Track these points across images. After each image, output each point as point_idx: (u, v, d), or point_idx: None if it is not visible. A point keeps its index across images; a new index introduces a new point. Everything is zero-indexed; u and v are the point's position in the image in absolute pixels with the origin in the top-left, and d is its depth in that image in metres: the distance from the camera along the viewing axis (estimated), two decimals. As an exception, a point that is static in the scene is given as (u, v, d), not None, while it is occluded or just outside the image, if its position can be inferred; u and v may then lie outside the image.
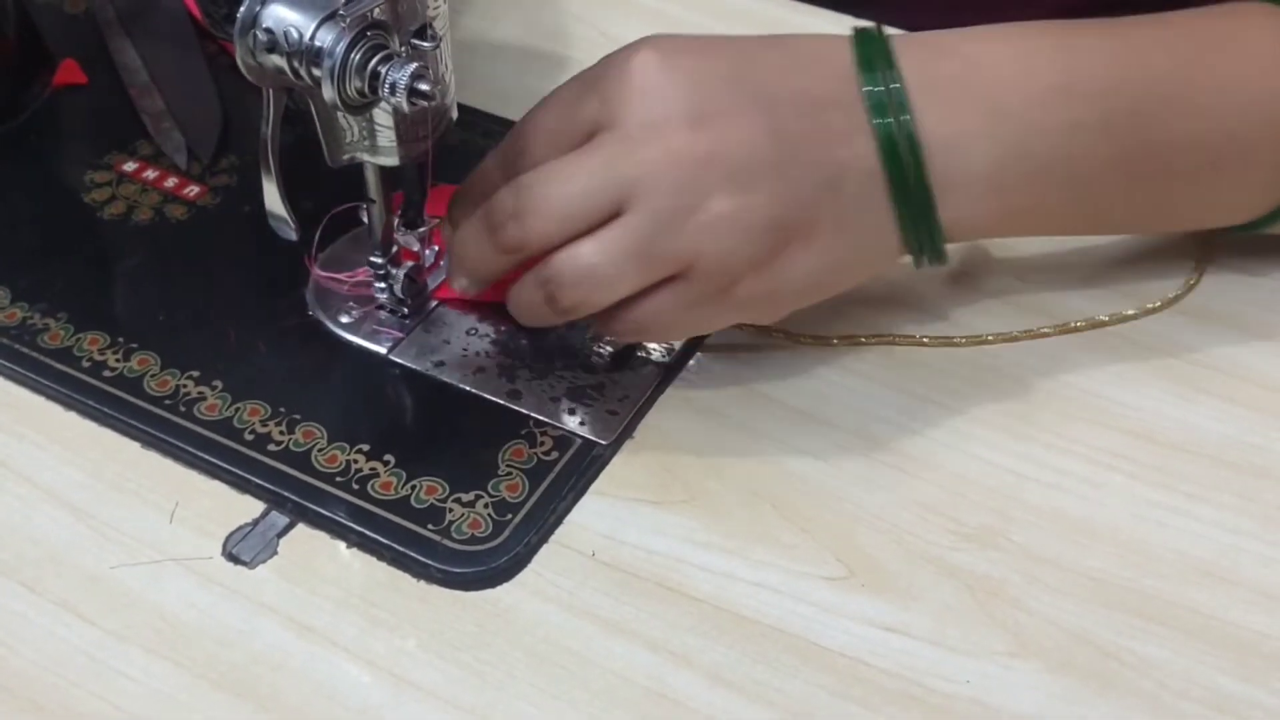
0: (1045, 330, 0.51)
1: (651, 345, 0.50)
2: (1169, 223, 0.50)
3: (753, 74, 0.44)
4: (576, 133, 0.45)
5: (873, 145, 0.44)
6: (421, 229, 0.50)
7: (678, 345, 0.50)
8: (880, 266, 0.47)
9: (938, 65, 0.45)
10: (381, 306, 0.51)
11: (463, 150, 0.57)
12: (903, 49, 0.45)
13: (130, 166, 0.58)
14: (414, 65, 0.41)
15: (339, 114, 0.44)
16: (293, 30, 0.40)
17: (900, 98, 0.44)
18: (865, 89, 0.44)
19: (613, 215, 0.43)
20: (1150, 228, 0.50)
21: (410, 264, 0.50)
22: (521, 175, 0.44)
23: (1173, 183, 0.47)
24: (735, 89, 0.44)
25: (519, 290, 0.45)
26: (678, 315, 0.44)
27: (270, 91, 0.43)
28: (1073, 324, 0.51)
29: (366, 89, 0.41)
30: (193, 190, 0.57)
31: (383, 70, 0.41)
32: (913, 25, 0.64)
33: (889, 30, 0.46)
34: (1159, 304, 0.52)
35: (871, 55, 0.45)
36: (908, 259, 0.47)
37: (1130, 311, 0.51)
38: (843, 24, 0.47)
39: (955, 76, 0.45)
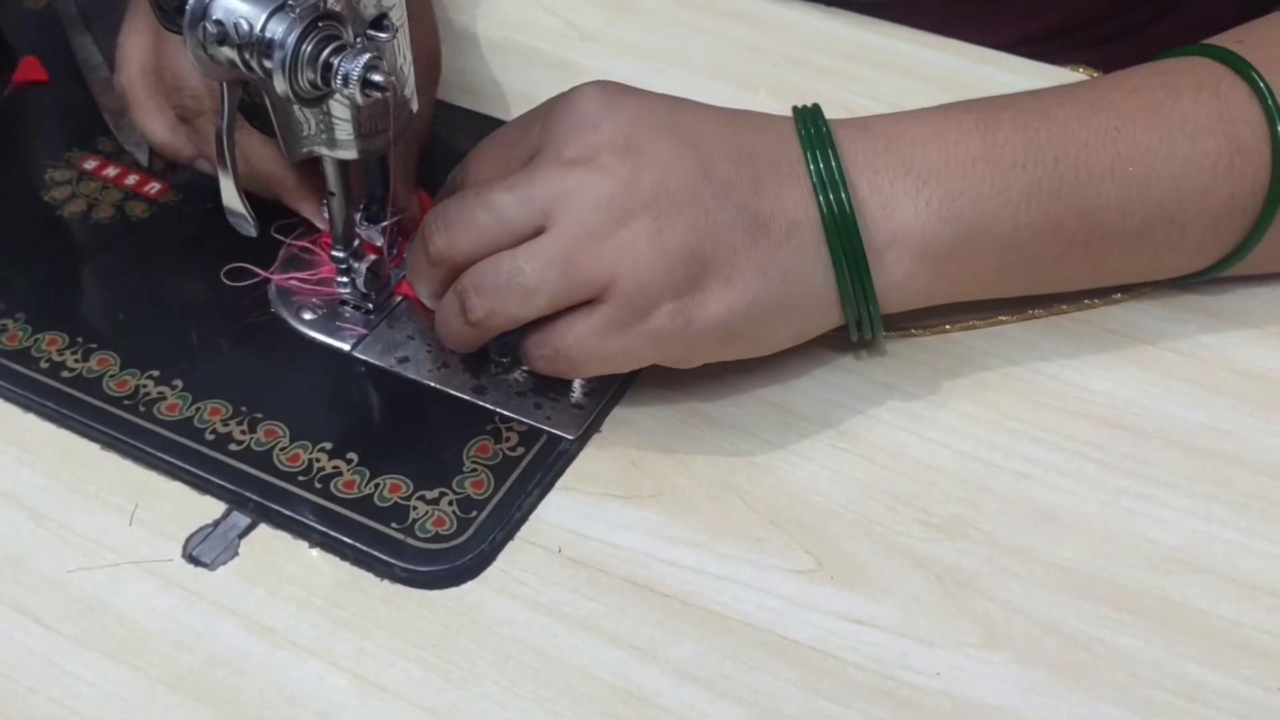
0: (1004, 318, 0.50)
1: (573, 385, 0.48)
2: (1106, 281, 0.50)
3: (692, 121, 0.46)
4: (519, 157, 0.46)
5: (805, 196, 0.45)
6: (384, 223, 0.50)
7: (584, 396, 0.48)
8: (809, 326, 0.47)
9: (869, 140, 0.46)
10: (345, 302, 0.51)
11: (427, 144, 0.56)
12: (836, 126, 0.46)
13: (91, 164, 0.57)
14: (367, 56, 0.40)
15: (294, 107, 0.43)
16: (243, 22, 0.40)
17: (836, 172, 0.45)
18: (808, 162, 0.45)
19: (537, 233, 0.44)
20: (1089, 286, 0.50)
21: (372, 258, 0.50)
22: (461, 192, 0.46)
23: (1107, 246, 0.47)
24: (671, 128, 0.45)
25: (440, 306, 0.46)
26: (594, 342, 0.44)
27: (224, 85, 0.42)
28: (1031, 312, 0.51)
29: (319, 81, 0.41)
30: (154, 188, 0.56)
31: (335, 61, 0.40)
32: (912, 25, 0.64)
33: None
34: (1120, 296, 0.51)
35: (812, 132, 0.46)
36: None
37: (1093, 301, 0.51)
38: (841, 18, 0.47)
39: (884, 149, 0.46)
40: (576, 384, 0.48)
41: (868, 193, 0.45)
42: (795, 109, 0.47)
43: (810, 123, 0.46)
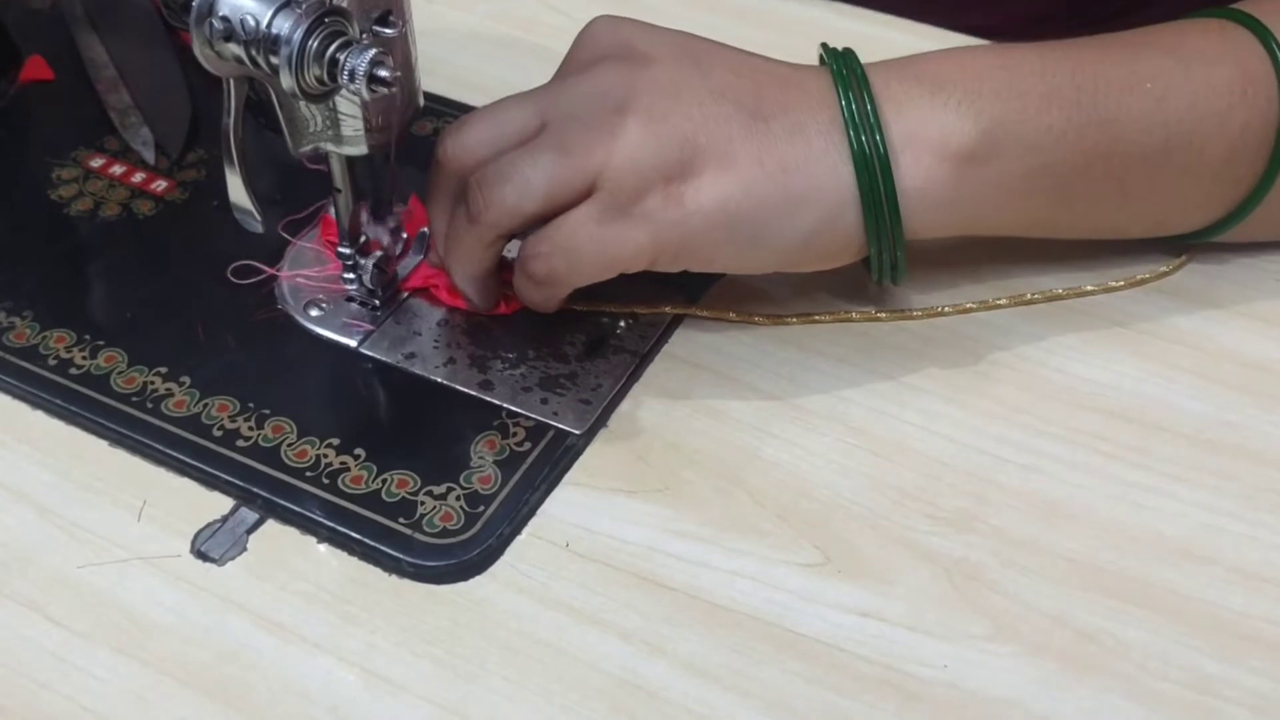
0: (1000, 302, 0.50)
1: (619, 324, 0.49)
2: (1131, 216, 0.50)
3: (697, 41, 0.47)
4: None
5: (813, 101, 0.45)
6: (390, 218, 0.50)
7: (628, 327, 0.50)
8: (820, 228, 0.45)
9: (885, 62, 0.47)
10: (351, 299, 0.51)
11: (431, 139, 0.56)
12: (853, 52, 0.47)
13: (97, 162, 0.58)
14: (373, 51, 0.40)
15: (300, 103, 0.43)
16: (249, 18, 0.40)
17: (858, 72, 0.46)
18: (827, 61, 0.47)
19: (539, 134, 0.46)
20: (1113, 224, 0.50)
21: (378, 254, 0.50)
22: None
23: (1129, 164, 0.47)
24: (673, 43, 0.47)
25: (451, 226, 0.48)
26: (589, 230, 0.44)
27: (231, 81, 0.42)
28: (1029, 296, 0.51)
29: (325, 76, 0.41)
30: (160, 185, 0.57)
31: (341, 57, 0.40)
32: (920, 17, 0.64)
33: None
34: (1121, 283, 0.51)
35: (832, 50, 0.47)
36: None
37: (1089, 287, 0.51)
38: (842, 11, 0.47)
39: (899, 65, 0.47)
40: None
41: (883, 98, 0.45)
42: (821, 46, 0.48)
43: (831, 51, 0.47)
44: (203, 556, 0.44)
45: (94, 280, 0.53)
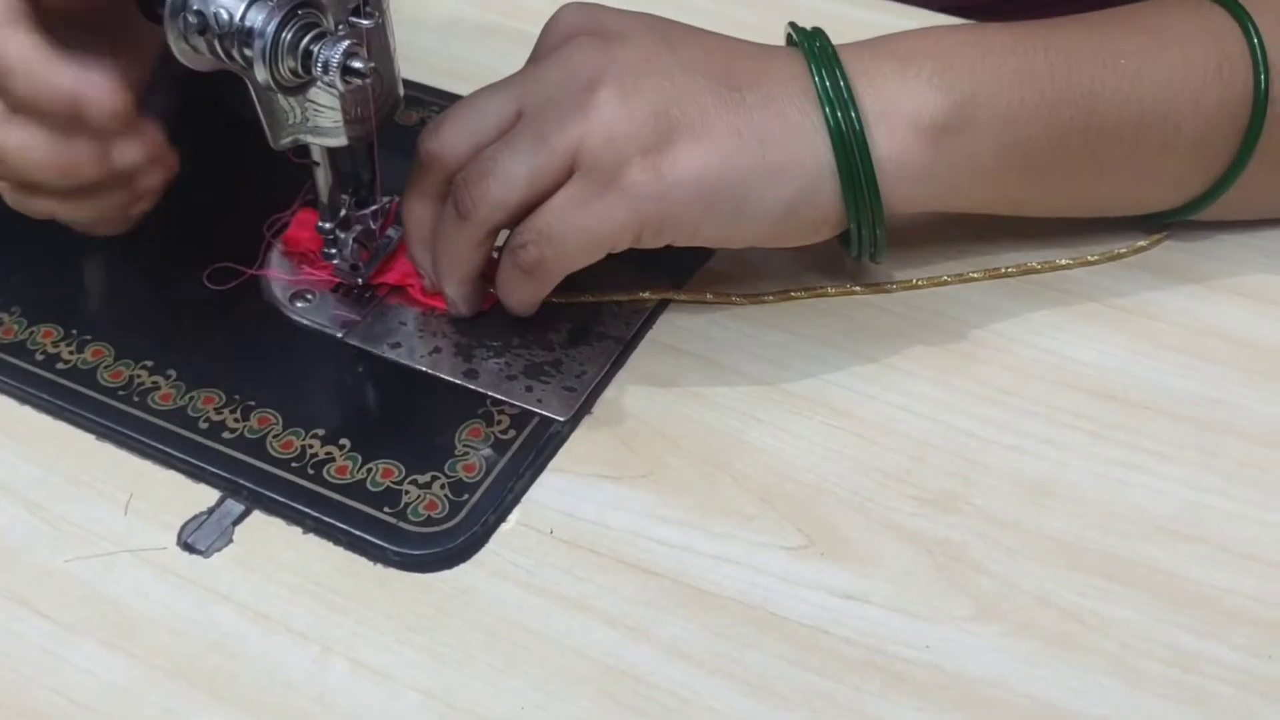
0: (975, 275, 0.50)
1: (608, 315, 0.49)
2: (1110, 193, 0.50)
3: (667, 24, 0.47)
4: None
5: (785, 75, 0.45)
6: (373, 207, 0.50)
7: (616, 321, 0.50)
8: (800, 200, 0.45)
9: (857, 43, 0.47)
10: (335, 285, 0.51)
11: (417, 129, 0.56)
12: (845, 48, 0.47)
13: (83, 157, 0.58)
14: (346, 43, 0.41)
15: (277, 96, 0.43)
16: (222, 11, 0.40)
17: (829, 50, 0.46)
18: (797, 41, 0.47)
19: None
20: (1091, 201, 0.50)
21: (359, 227, 0.49)
22: None
23: (1104, 138, 0.47)
24: (643, 21, 0.47)
25: (440, 230, 0.48)
26: (572, 213, 0.45)
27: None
28: (1004, 270, 0.51)
29: (300, 69, 0.41)
30: (146, 179, 0.57)
31: (315, 49, 0.40)
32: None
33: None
34: (1097, 257, 0.51)
35: (801, 29, 0.47)
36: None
37: (1065, 261, 0.51)
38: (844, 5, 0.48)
39: (870, 44, 0.47)
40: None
41: (854, 73, 0.45)
42: (789, 25, 0.48)
43: (800, 30, 0.47)
44: (189, 548, 0.44)
45: (81, 275, 0.53)
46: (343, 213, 0.49)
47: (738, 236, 0.46)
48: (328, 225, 0.49)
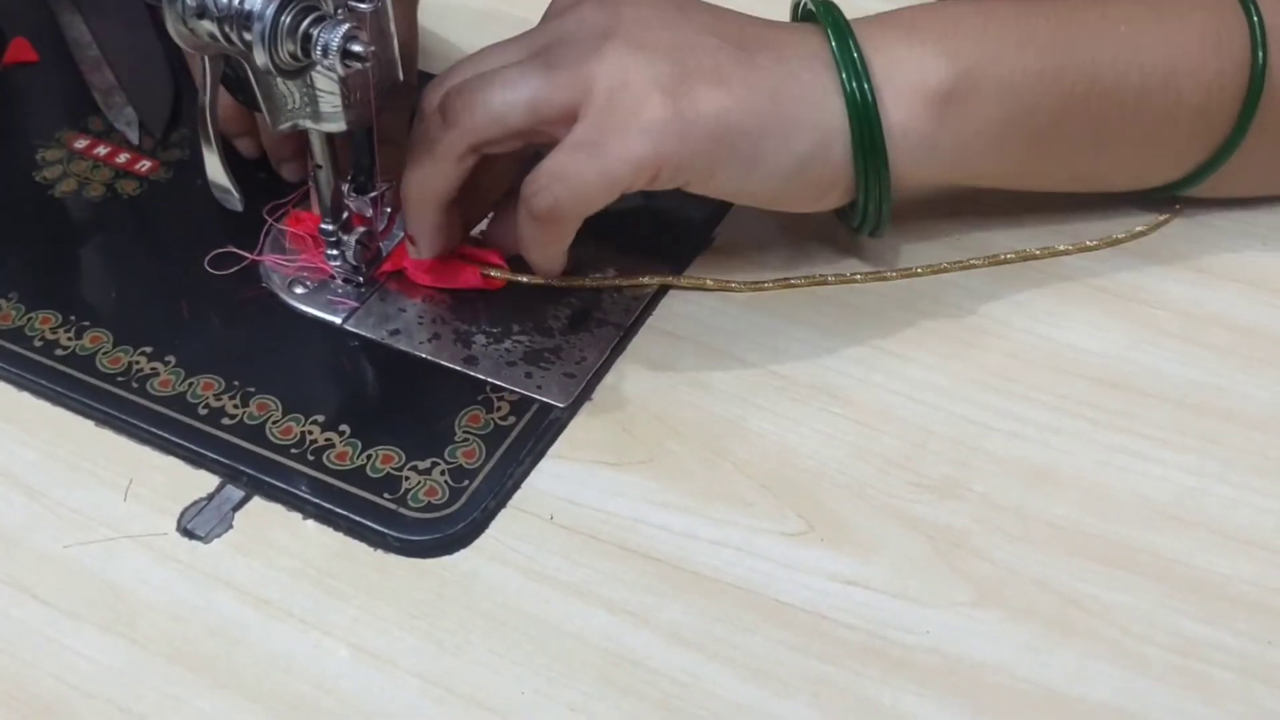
0: (975, 262, 0.50)
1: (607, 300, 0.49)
2: (1111, 163, 0.50)
3: (689, 2, 0.47)
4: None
5: (796, 39, 0.46)
6: (373, 193, 0.50)
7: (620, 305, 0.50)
8: (811, 157, 0.45)
9: (890, 15, 0.47)
10: (334, 276, 0.51)
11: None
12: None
13: (82, 143, 0.57)
14: (346, 26, 0.40)
15: (277, 80, 0.43)
16: (221, -5, 0.39)
17: (841, 20, 0.46)
18: (811, 9, 0.47)
19: None
20: (1093, 175, 0.50)
21: (361, 229, 0.50)
22: None
23: (1106, 106, 0.47)
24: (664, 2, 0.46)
25: (416, 134, 0.47)
26: (589, 152, 0.44)
27: (205, 59, 0.42)
28: (1003, 256, 0.51)
29: (299, 52, 0.41)
30: (144, 165, 0.57)
31: (314, 32, 0.40)
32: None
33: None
34: (1096, 243, 0.51)
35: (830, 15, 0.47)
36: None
37: (1064, 247, 0.51)
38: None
39: (876, 18, 0.47)
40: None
41: (865, 40, 0.46)
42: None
43: (816, 1, 0.47)
44: (189, 534, 0.44)
45: (79, 261, 0.53)
46: (345, 215, 0.49)
47: (747, 188, 0.46)
48: (330, 227, 0.49)
